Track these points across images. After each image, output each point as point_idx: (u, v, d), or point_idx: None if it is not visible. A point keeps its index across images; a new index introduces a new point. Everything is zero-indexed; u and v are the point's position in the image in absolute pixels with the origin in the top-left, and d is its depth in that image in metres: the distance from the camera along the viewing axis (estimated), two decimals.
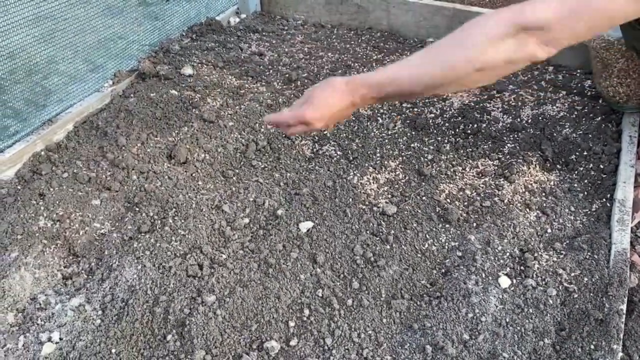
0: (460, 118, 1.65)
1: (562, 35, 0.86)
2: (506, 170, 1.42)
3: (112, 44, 1.99)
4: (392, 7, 2.14)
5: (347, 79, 1.05)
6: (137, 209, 1.35)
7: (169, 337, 1.06)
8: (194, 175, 1.46)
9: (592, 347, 1.01)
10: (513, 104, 1.71)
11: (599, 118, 1.59)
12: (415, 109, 1.71)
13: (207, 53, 2.01)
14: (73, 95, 1.72)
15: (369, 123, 1.65)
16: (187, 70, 1.86)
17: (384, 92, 1.00)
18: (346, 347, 1.04)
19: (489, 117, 1.64)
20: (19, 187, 1.41)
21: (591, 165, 1.44)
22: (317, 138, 1.59)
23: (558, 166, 1.46)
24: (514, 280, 1.15)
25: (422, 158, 1.50)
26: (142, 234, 1.28)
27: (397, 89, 0.99)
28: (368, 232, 1.27)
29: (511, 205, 1.33)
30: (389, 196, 1.37)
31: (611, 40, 1.51)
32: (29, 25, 1.61)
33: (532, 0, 0.88)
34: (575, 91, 1.75)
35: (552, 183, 1.39)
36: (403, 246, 1.23)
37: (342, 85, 1.04)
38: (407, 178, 1.44)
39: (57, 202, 1.35)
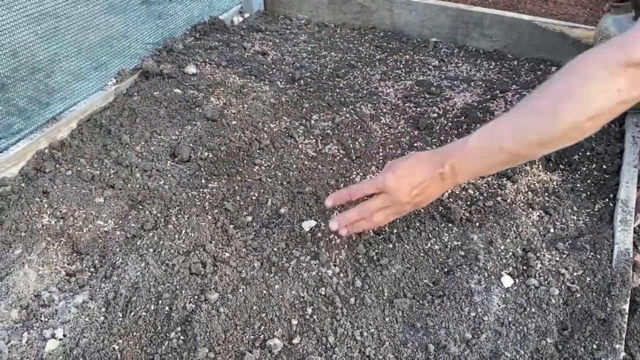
0: (463, 118, 1.65)
1: None
2: (509, 170, 1.42)
3: (116, 42, 2.00)
4: (396, 7, 2.15)
5: (433, 150, 1.00)
6: (141, 207, 1.35)
7: (172, 334, 1.06)
8: (197, 173, 1.46)
9: (595, 346, 1.01)
10: (516, 104, 1.71)
11: None
12: (418, 109, 1.71)
13: (211, 52, 2.01)
14: (77, 94, 1.72)
15: (372, 122, 1.65)
16: (191, 69, 1.87)
17: (480, 158, 0.94)
18: (349, 346, 1.04)
19: (492, 116, 1.64)
20: (22, 185, 1.41)
21: (594, 165, 1.44)
22: (320, 137, 1.59)
23: (561, 166, 1.46)
24: (517, 280, 1.15)
25: None
26: (146, 232, 1.28)
27: (496, 152, 0.92)
28: (371, 230, 1.27)
29: (514, 205, 1.33)
30: None
31: None
32: (32, 22, 1.61)
33: (634, 33, 0.81)
34: None
35: (554, 183, 1.39)
36: (406, 245, 1.23)
37: (426, 155, 0.99)
38: None
39: (61, 199, 1.36)
